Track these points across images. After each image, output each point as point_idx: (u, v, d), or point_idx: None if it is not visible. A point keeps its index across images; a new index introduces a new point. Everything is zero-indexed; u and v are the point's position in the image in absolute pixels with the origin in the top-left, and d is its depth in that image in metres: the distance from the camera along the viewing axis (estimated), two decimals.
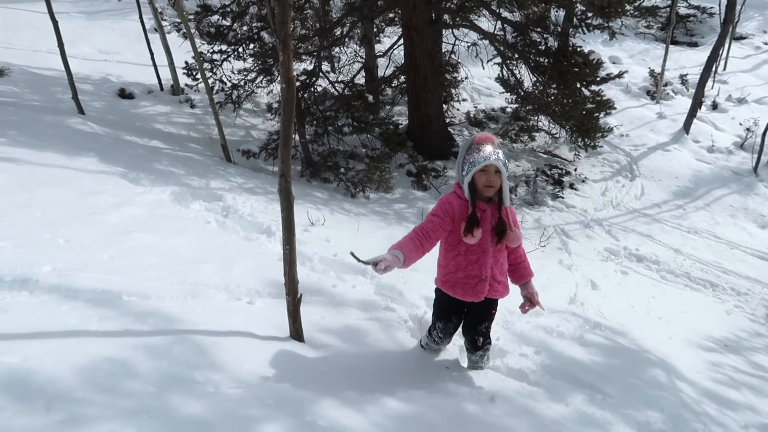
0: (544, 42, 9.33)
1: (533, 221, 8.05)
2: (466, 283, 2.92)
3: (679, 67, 14.59)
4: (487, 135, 2.79)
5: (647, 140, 11.24)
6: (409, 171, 9.05)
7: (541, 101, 9.48)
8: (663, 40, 14.89)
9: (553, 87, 9.27)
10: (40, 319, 2.64)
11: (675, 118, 12.08)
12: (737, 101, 13.18)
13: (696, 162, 10.61)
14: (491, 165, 2.71)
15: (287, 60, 2.58)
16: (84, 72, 9.27)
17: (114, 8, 13.21)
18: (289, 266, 2.94)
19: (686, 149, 11.01)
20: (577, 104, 9.17)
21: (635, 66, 14.61)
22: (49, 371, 2.27)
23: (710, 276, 6.99)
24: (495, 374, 3.37)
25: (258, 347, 2.92)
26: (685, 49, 16.32)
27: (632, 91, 13.43)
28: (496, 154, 2.72)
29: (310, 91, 8.40)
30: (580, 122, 9.44)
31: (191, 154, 7.32)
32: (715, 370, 4.40)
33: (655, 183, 9.80)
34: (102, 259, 3.48)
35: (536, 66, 9.22)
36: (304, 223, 5.48)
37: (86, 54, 10.28)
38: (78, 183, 4.81)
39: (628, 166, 10.29)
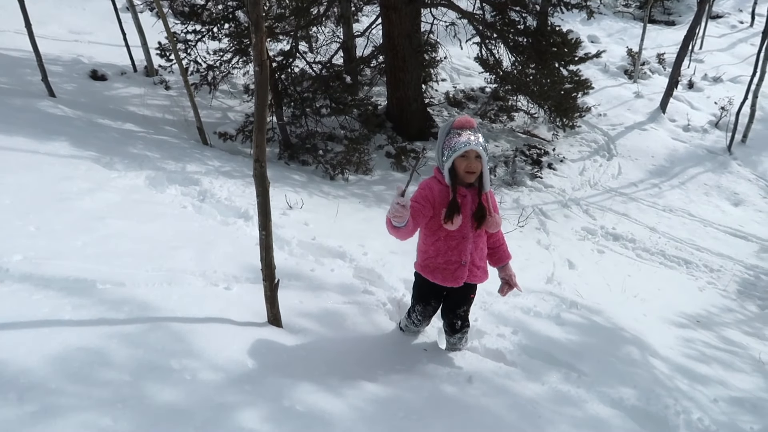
0: (523, 21, 9.29)
1: (512, 201, 8.10)
2: (445, 268, 2.93)
3: (656, 46, 14.67)
4: (466, 118, 2.73)
5: (624, 120, 11.32)
6: (388, 152, 9.01)
7: (520, 81, 9.48)
8: (641, 19, 14.94)
9: (532, 67, 9.26)
10: (11, 309, 2.60)
11: (652, 97, 12.18)
12: (713, 80, 13.31)
13: (672, 141, 10.73)
14: (472, 150, 2.66)
15: (260, 42, 2.53)
16: (54, 53, 9.02)
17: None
18: (266, 251, 2.92)
19: (662, 128, 11.13)
20: (555, 84, 9.18)
21: (613, 45, 14.65)
22: (22, 362, 2.24)
23: (684, 253, 7.12)
24: (473, 355, 3.41)
25: (235, 333, 2.91)
26: (662, 28, 16.40)
27: (610, 70, 13.48)
28: (476, 139, 2.68)
29: (287, 72, 8.27)
30: (558, 102, 9.47)
31: (166, 137, 7.20)
32: (687, 346, 4.51)
33: (632, 162, 9.90)
34: (75, 247, 3.42)
35: (515, 45, 9.19)
36: (282, 207, 5.44)
37: (56, 34, 9.98)
38: (49, 168, 4.71)
39: (605, 145, 10.38)
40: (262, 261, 2.94)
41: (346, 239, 4.79)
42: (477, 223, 2.85)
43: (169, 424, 2.13)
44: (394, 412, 2.65)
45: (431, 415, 2.69)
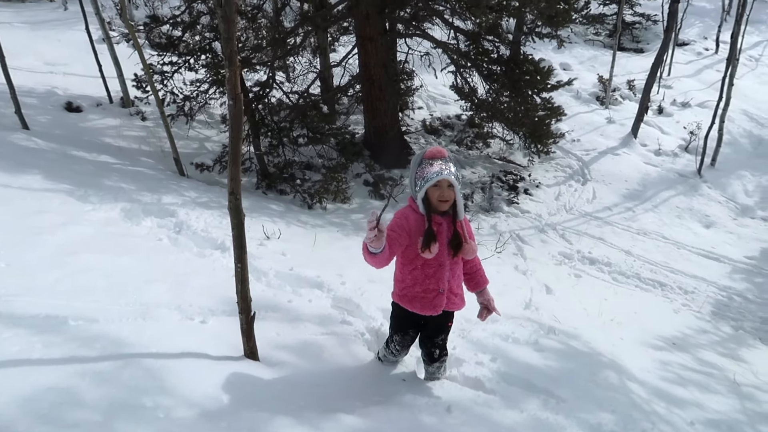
0: (496, 50, 9.51)
1: (489, 227, 8.18)
2: (423, 297, 2.93)
3: (626, 72, 15.08)
4: (437, 149, 2.77)
5: (598, 145, 11.57)
6: (366, 180, 9.07)
7: (495, 108, 9.66)
8: (610, 47, 15.36)
9: (506, 94, 9.46)
10: None
11: (623, 122, 12.47)
12: (681, 105, 13.69)
13: (644, 165, 10.97)
14: (443, 180, 2.69)
15: (234, 76, 2.56)
16: (28, 85, 8.97)
17: (60, 18, 12.84)
18: (242, 284, 2.91)
19: (635, 153, 11.38)
20: (529, 111, 9.37)
21: (585, 72, 15.02)
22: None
23: (659, 276, 7.23)
24: (451, 384, 3.40)
25: (211, 368, 2.87)
26: (631, 55, 16.88)
27: (582, 96, 13.80)
28: (447, 169, 2.71)
29: (264, 102, 8.33)
30: (532, 129, 9.65)
31: (142, 169, 7.15)
32: (664, 369, 4.55)
33: (606, 186, 10.08)
34: (46, 282, 3.37)
35: (489, 74, 9.39)
36: (259, 237, 5.42)
37: (31, 66, 9.94)
38: (21, 202, 4.64)
39: (580, 170, 10.57)
40: (238, 294, 2.92)
41: (324, 269, 4.77)
42: (453, 251, 2.87)
43: None
44: None
45: None
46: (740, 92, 12.95)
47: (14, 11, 12.85)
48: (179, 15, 8.60)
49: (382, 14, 8.77)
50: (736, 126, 12.46)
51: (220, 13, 2.47)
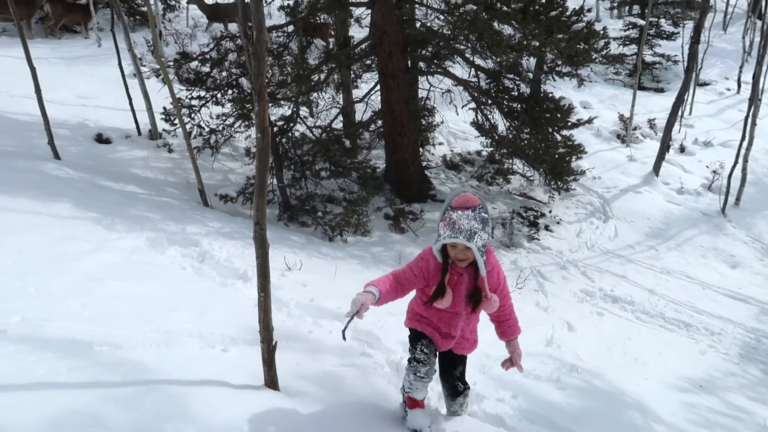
0: (517, 88, 9.62)
1: (510, 263, 8.13)
2: (432, 333, 2.91)
3: (647, 111, 15.09)
4: (466, 198, 2.61)
5: (619, 182, 11.52)
6: (386, 214, 9.11)
7: (515, 145, 9.71)
8: (631, 86, 15.43)
9: (526, 131, 9.51)
10: (7, 371, 2.59)
11: (645, 160, 12.42)
12: (703, 144, 13.62)
13: (666, 203, 10.87)
14: (459, 243, 2.60)
15: (262, 110, 2.64)
16: (61, 117, 9.26)
17: (93, 54, 13.29)
18: (264, 313, 2.93)
19: (656, 191, 11.30)
20: (549, 148, 9.40)
21: (605, 110, 15.07)
22: (16, 425, 2.21)
23: (684, 316, 7.09)
24: (472, 420, 3.35)
25: (231, 396, 2.87)
26: (652, 94, 16.93)
27: (603, 134, 13.81)
28: (469, 227, 2.54)
29: (288, 136, 8.49)
30: (553, 166, 9.66)
31: (168, 199, 7.30)
32: (691, 411, 4.43)
33: (628, 224, 9.99)
34: (73, 308, 3.43)
35: (509, 111, 9.47)
36: (281, 268, 5.46)
37: (64, 99, 10.27)
38: (51, 229, 4.76)
39: (601, 207, 10.51)
40: (261, 323, 2.94)
41: (345, 300, 4.74)
42: (472, 306, 2.78)
43: None
44: None
45: None
46: (763, 131, 12.86)
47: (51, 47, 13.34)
48: (208, 52, 8.89)
49: (405, 52, 8.96)
50: (760, 165, 12.35)
51: (251, 51, 2.57)
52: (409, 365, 3.01)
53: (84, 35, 14.49)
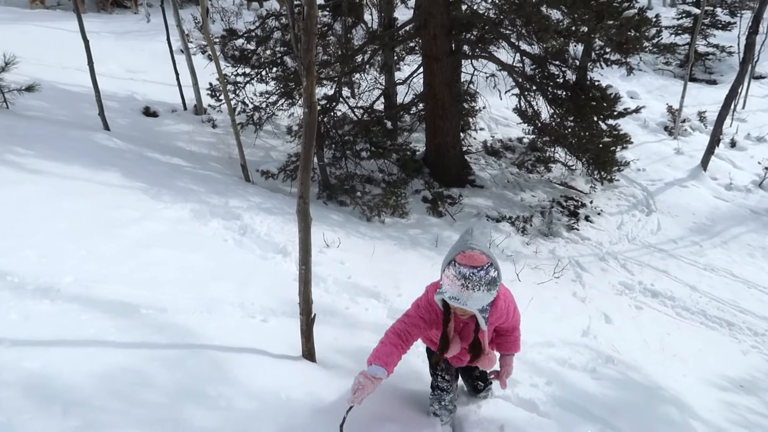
0: (562, 75, 9.41)
1: (547, 252, 8.03)
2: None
3: (697, 104, 14.60)
4: (472, 257, 2.33)
5: (664, 175, 11.21)
6: (424, 197, 9.10)
7: (558, 133, 9.52)
8: (681, 77, 14.95)
9: (570, 119, 9.32)
10: (59, 328, 2.70)
11: (693, 154, 12.05)
12: (756, 140, 13.12)
13: (713, 199, 10.54)
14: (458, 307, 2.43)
15: (310, 85, 2.66)
16: (111, 89, 9.50)
17: (142, 29, 13.58)
18: (304, 286, 2.98)
19: (704, 186, 10.96)
20: (593, 137, 9.20)
21: (653, 101, 14.64)
22: (67, 378, 2.32)
23: (727, 315, 6.89)
24: (504, 403, 3.35)
25: (270, 365, 2.94)
26: (703, 86, 16.35)
27: (650, 126, 13.44)
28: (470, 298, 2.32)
29: (330, 116, 8.53)
30: (596, 155, 9.46)
31: (211, 173, 7.44)
32: (730, 410, 4.33)
33: (672, 218, 9.73)
34: (122, 272, 3.55)
35: (554, 98, 9.28)
36: (319, 245, 5.53)
37: (113, 72, 10.54)
38: (101, 197, 4.92)
39: (644, 200, 10.25)
40: (301, 295, 2.99)
41: (381, 280, 4.82)
42: (471, 356, 2.69)
43: None
44: None
45: None
46: None
47: (102, 22, 13.69)
48: (253, 30, 8.96)
49: (449, 35, 8.85)
50: None
51: (301, 26, 2.59)
52: (432, 393, 2.96)
53: (134, 10, 14.82)
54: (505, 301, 2.59)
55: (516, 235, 8.37)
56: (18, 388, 2.18)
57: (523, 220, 8.81)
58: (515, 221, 8.75)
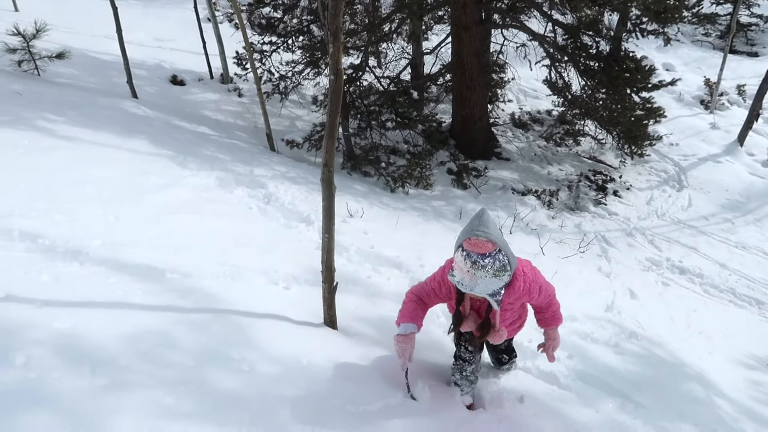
0: (596, 45, 9.14)
1: (573, 226, 7.93)
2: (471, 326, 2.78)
3: (736, 77, 14.06)
4: (478, 243, 2.32)
5: (698, 150, 10.90)
6: (449, 169, 9.03)
7: (589, 105, 9.30)
8: (721, 49, 14.40)
9: (602, 92, 9.08)
10: (88, 290, 2.77)
11: (729, 129, 11.67)
12: None
13: (749, 176, 10.23)
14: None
15: (337, 52, 2.62)
16: (139, 58, 9.56)
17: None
18: (327, 254, 2.99)
19: (739, 162, 10.63)
20: (626, 110, 8.96)
21: (689, 74, 14.16)
22: (96, 338, 2.38)
23: (757, 293, 6.75)
24: (525, 375, 3.36)
25: (293, 331, 2.98)
26: (744, 58, 15.72)
27: (685, 99, 13.03)
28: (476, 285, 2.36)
29: (356, 85, 8.46)
30: (628, 129, 9.22)
31: (237, 142, 7.48)
32: (756, 389, 4.26)
33: (704, 195, 9.50)
34: (148, 237, 3.61)
35: (586, 70, 9.04)
36: (342, 215, 5.54)
37: (141, 40, 10.60)
38: (129, 163, 5.00)
39: (676, 176, 10.01)
40: (323, 263, 3.00)
41: (404, 250, 4.82)
42: (480, 333, 2.69)
43: (226, 409, 2.21)
44: (444, 422, 2.64)
45: (480, 428, 2.67)
46: None
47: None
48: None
49: (479, 3, 8.64)
50: None
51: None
52: (455, 363, 2.96)
53: None
54: (525, 281, 2.53)
55: (541, 209, 8.27)
56: (48, 347, 2.25)
57: (549, 194, 8.69)
58: (541, 195, 8.64)
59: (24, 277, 2.72)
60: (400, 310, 2.76)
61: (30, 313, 2.42)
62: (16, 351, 2.16)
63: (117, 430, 1.93)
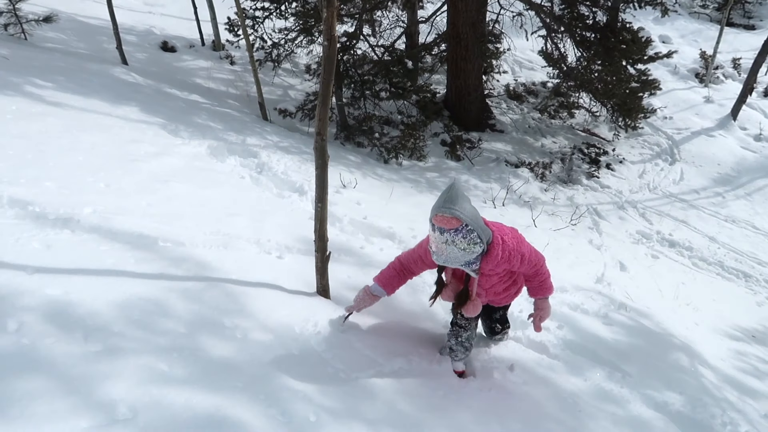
0: (593, 16, 9.05)
1: (566, 199, 7.96)
2: None
3: (732, 50, 14.00)
4: (443, 219, 2.38)
5: (691, 124, 10.91)
6: (443, 140, 8.99)
7: (584, 77, 9.25)
8: (718, 21, 14.29)
9: (598, 63, 9.02)
10: (80, 257, 2.75)
11: (723, 103, 11.67)
12: None
13: (741, 150, 10.28)
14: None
15: (330, 17, 2.57)
16: (129, 23, 9.38)
17: None
18: (320, 223, 2.98)
19: (732, 136, 10.66)
20: (621, 82, 8.92)
21: (686, 46, 14.08)
22: (88, 305, 2.38)
23: (744, 266, 6.84)
24: (515, 344, 3.40)
25: (285, 299, 2.99)
26: (740, 31, 15.63)
27: (680, 72, 12.98)
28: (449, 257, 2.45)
29: (350, 54, 8.35)
30: (622, 101, 9.20)
31: (229, 110, 7.40)
32: (740, 359, 4.35)
33: (696, 168, 9.54)
34: (140, 205, 3.58)
35: (582, 40, 8.97)
36: (336, 185, 5.52)
37: (131, 5, 10.38)
38: (119, 131, 4.93)
39: (668, 149, 10.03)
40: (316, 232, 3.00)
41: (397, 221, 4.83)
42: (457, 302, 2.75)
43: (219, 376, 2.23)
44: (434, 389, 2.69)
45: (470, 395, 2.71)
46: None
47: None
48: None
49: None
50: None
51: None
52: (451, 329, 2.98)
53: None
54: (504, 249, 2.54)
55: (534, 181, 8.29)
56: (41, 313, 2.24)
57: (542, 167, 8.69)
58: (534, 167, 8.64)
59: (14, 244, 2.70)
60: (382, 271, 2.97)
61: (21, 280, 2.41)
62: (8, 317, 2.15)
63: (111, 395, 1.94)
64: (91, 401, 1.89)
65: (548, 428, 2.68)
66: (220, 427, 1.97)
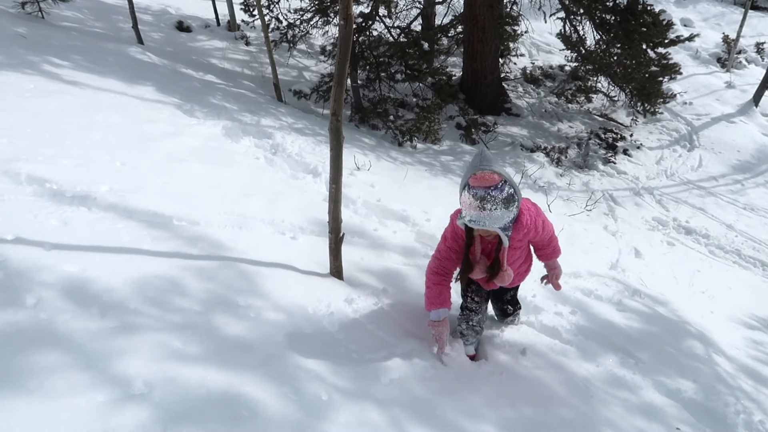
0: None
1: (581, 184, 7.88)
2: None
3: (756, 34, 13.69)
4: (483, 177, 2.34)
5: (711, 110, 10.71)
6: (458, 124, 8.92)
7: (603, 61, 9.09)
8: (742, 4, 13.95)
9: (617, 46, 8.86)
10: (97, 234, 2.79)
11: (745, 88, 11.43)
12: None
13: (762, 136, 10.08)
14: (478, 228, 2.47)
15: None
16: (144, 2, 9.38)
17: None
18: (334, 204, 2.98)
19: (753, 122, 10.45)
20: (640, 66, 8.76)
21: (708, 30, 13.78)
22: (105, 282, 2.41)
23: (762, 255, 6.74)
24: (528, 329, 3.39)
25: (299, 280, 3.01)
26: (765, 15, 15.26)
27: (701, 56, 12.72)
28: (490, 218, 2.36)
29: (365, 35, 8.28)
30: (641, 85, 9.04)
31: (244, 91, 7.39)
32: (756, 348, 4.31)
33: (715, 155, 9.38)
34: (156, 184, 3.60)
35: (601, 23, 8.80)
36: (350, 167, 5.51)
37: None
38: (135, 110, 4.95)
39: (687, 135, 9.87)
40: (330, 213, 3.00)
41: (410, 204, 4.81)
42: (489, 275, 2.69)
43: (233, 354, 2.25)
44: (446, 372, 2.69)
45: (482, 379, 2.72)
46: None
47: None
48: None
49: None
50: None
51: None
52: (461, 313, 3.00)
53: None
54: (530, 215, 2.59)
55: (550, 166, 8.21)
56: (58, 289, 2.28)
57: (558, 151, 8.60)
58: (550, 152, 8.56)
59: (32, 220, 2.73)
60: (426, 296, 2.77)
61: (39, 256, 2.44)
62: (27, 292, 2.19)
63: (126, 370, 1.97)
64: (108, 376, 1.92)
65: (560, 413, 2.68)
66: (234, 404, 1.99)
